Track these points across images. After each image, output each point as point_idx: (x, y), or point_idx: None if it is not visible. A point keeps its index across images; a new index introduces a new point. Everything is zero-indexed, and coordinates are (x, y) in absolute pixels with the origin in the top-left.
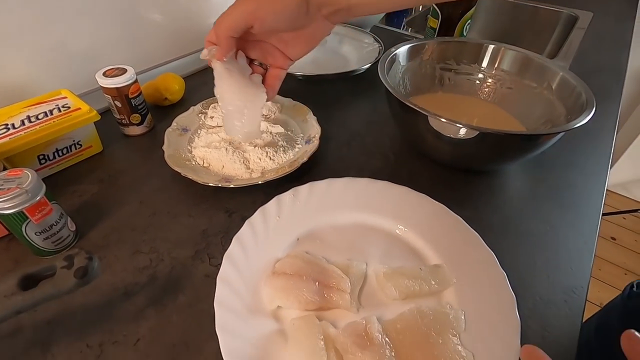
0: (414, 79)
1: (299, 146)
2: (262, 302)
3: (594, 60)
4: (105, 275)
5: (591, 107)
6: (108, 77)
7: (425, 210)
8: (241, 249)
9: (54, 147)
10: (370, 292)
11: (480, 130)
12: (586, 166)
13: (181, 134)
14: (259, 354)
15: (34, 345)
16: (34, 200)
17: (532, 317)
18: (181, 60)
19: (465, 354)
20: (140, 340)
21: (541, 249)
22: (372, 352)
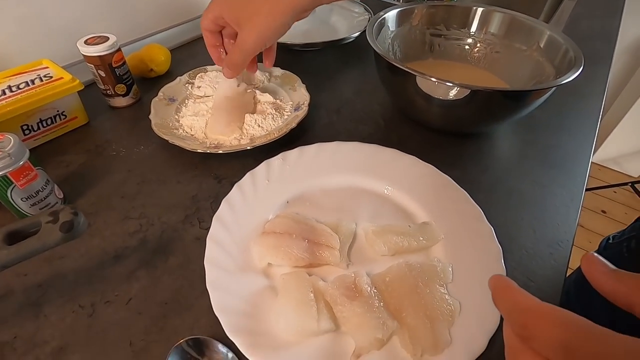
0: (404, 45)
1: (288, 114)
2: (252, 260)
3: (586, 27)
4: (95, 240)
5: (579, 65)
6: (90, 45)
7: (415, 171)
8: (231, 211)
9: (37, 118)
10: (360, 249)
11: (470, 88)
12: (575, 128)
13: (168, 104)
14: (249, 308)
15: (25, 306)
16: (17, 165)
17: (517, 268)
18: (167, 32)
19: (452, 302)
20: (132, 299)
21: (529, 206)
22: (361, 303)
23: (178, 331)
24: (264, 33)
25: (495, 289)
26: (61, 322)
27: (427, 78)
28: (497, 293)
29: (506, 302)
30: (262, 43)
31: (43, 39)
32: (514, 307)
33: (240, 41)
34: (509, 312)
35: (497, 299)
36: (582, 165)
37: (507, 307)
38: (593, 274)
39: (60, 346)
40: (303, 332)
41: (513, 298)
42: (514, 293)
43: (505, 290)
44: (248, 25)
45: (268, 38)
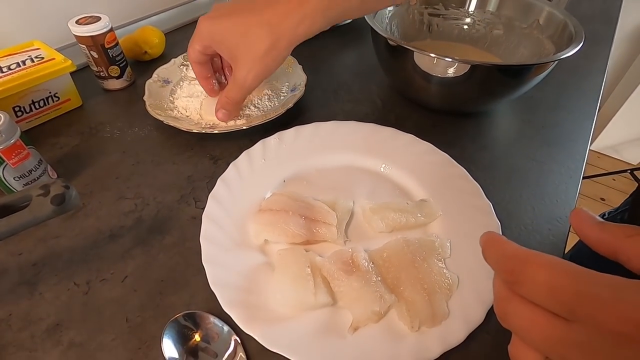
0: (402, 25)
1: (285, 94)
2: (249, 237)
3: (586, 7)
4: (90, 219)
5: (580, 39)
6: (82, 25)
7: (412, 149)
8: (227, 189)
9: (29, 99)
10: (357, 226)
11: (469, 63)
12: (575, 107)
13: (162, 86)
14: (245, 283)
15: (20, 285)
16: (8, 142)
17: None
18: (161, 14)
19: (450, 276)
20: (128, 277)
21: (528, 184)
22: (358, 277)
23: (174, 307)
24: (266, 67)
25: (485, 243)
26: (56, 299)
27: (425, 54)
28: (487, 247)
29: (494, 253)
30: (263, 78)
31: (34, 20)
32: (502, 256)
33: (240, 79)
34: (496, 262)
35: (487, 252)
36: (582, 143)
37: (495, 258)
38: (581, 226)
39: (56, 323)
40: (300, 306)
41: (501, 248)
42: (502, 244)
43: (494, 242)
44: (246, 58)
45: (269, 72)
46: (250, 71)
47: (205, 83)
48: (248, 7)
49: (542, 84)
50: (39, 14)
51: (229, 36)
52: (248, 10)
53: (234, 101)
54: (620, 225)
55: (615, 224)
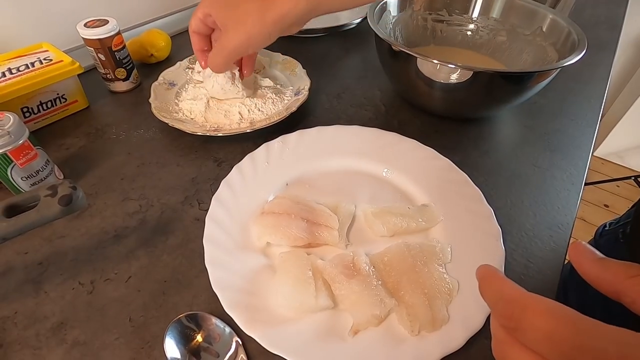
0: (406, 31)
1: (288, 98)
2: (251, 240)
3: (590, 14)
4: (95, 220)
5: (582, 47)
6: (90, 28)
7: (415, 154)
8: (230, 192)
9: (37, 100)
10: (359, 230)
11: (472, 70)
12: (577, 114)
13: (168, 88)
14: (247, 285)
15: (26, 283)
16: (17, 143)
17: (517, 250)
18: (168, 18)
19: (450, 281)
20: (132, 277)
21: (529, 190)
22: (359, 281)
23: (177, 308)
24: (249, 38)
25: (481, 278)
26: (61, 298)
27: (428, 60)
28: (484, 283)
29: (492, 293)
30: (245, 48)
31: (43, 22)
32: (500, 298)
33: (223, 41)
34: (494, 303)
35: (483, 290)
36: (584, 150)
37: (492, 298)
38: (580, 261)
39: (61, 321)
40: (301, 308)
41: (499, 288)
42: (500, 283)
43: (491, 279)
44: (234, 27)
45: (251, 44)
46: (233, 39)
47: (201, 55)
48: None
49: (545, 90)
50: (48, 16)
51: (225, 6)
52: None
53: (216, 63)
54: (622, 264)
55: (616, 261)
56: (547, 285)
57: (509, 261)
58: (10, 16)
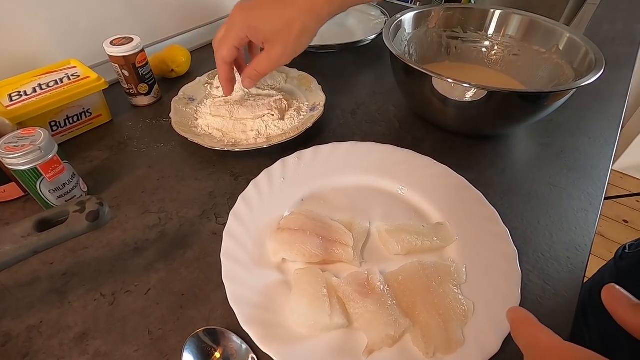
0: (420, 48)
1: (304, 114)
2: (267, 256)
3: (607, 30)
4: (117, 232)
5: (600, 67)
6: (115, 46)
7: (429, 171)
8: (246, 207)
9: (64, 115)
10: (373, 248)
11: (486, 89)
12: (595, 132)
13: (188, 103)
14: (263, 301)
15: (50, 293)
16: (47, 158)
17: (533, 271)
18: (188, 34)
19: (465, 302)
20: (151, 289)
21: (546, 209)
22: (373, 300)
23: (194, 321)
24: (301, 48)
25: (514, 321)
26: (84, 309)
27: (443, 79)
28: (517, 326)
29: (527, 338)
30: (295, 55)
31: (71, 40)
32: (535, 345)
33: (275, 57)
34: (530, 349)
35: (517, 333)
36: (602, 169)
37: (527, 343)
38: (616, 308)
39: (83, 332)
40: (316, 326)
41: (534, 334)
42: (535, 329)
43: (524, 324)
44: (284, 42)
45: (302, 51)
46: (286, 51)
47: (227, 85)
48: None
49: (562, 108)
50: (76, 33)
51: (266, 23)
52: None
53: (263, 73)
54: None
55: None
56: (564, 307)
57: (525, 283)
58: (41, 33)
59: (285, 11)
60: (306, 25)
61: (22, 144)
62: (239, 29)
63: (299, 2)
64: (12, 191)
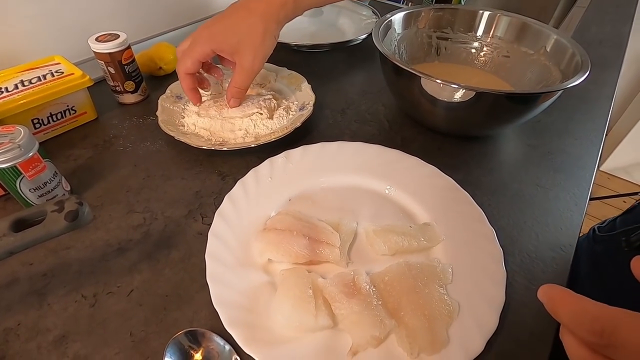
0: (410, 48)
1: (293, 113)
2: (253, 256)
3: (595, 33)
4: (100, 232)
5: (586, 69)
6: (101, 42)
7: (417, 172)
8: (233, 207)
9: (48, 112)
10: (360, 248)
11: (475, 90)
12: (581, 133)
13: (175, 101)
14: (248, 302)
15: (29, 295)
16: (27, 156)
17: (519, 271)
18: (176, 31)
19: (451, 302)
20: (134, 291)
21: (532, 210)
22: (359, 301)
23: (177, 323)
24: (268, 51)
25: (551, 299)
26: (64, 311)
27: (432, 80)
28: (556, 302)
29: (572, 311)
30: (265, 60)
31: (56, 36)
32: (583, 315)
33: (247, 66)
34: (576, 320)
35: (559, 309)
36: (588, 170)
37: (573, 315)
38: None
39: (62, 334)
40: (301, 327)
41: (580, 306)
42: (579, 300)
43: (564, 298)
44: (251, 49)
45: (269, 54)
46: (256, 56)
47: (193, 94)
48: (234, 7)
49: (550, 109)
50: (60, 29)
51: (229, 34)
52: (236, 9)
53: (244, 87)
54: None
55: None
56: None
57: (510, 283)
58: (25, 30)
59: (245, 20)
60: (268, 28)
61: (1, 141)
62: (204, 43)
63: (256, 11)
64: None
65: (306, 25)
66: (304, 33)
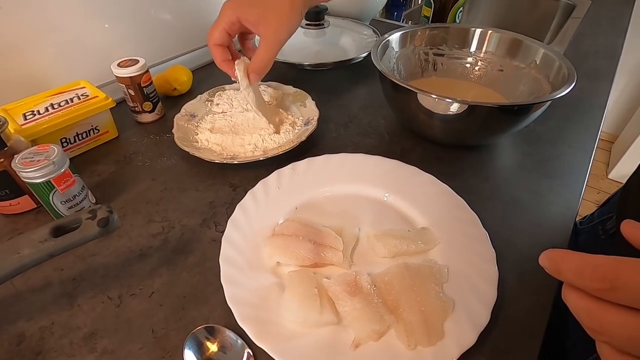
0: (408, 65)
1: (299, 128)
2: (263, 260)
3: (589, 45)
4: (123, 240)
5: (572, 80)
6: (122, 67)
7: (415, 180)
8: (244, 215)
9: (74, 132)
10: (362, 251)
11: (467, 104)
12: (574, 141)
13: (189, 120)
14: (259, 301)
15: (61, 296)
16: (59, 171)
17: (512, 271)
18: (189, 54)
19: (446, 300)
20: (155, 292)
21: (526, 214)
22: (360, 298)
23: (194, 321)
24: (294, 25)
25: (552, 260)
26: (92, 311)
27: (427, 95)
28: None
29: (574, 265)
30: (289, 34)
31: (80, 61)
32: (585, 266)
33: (271, 36)
34: (579, 272)
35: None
36: (580, 176)
37: (575, 268)
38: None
39: (92, 332)
40: (307, 323)
41: (581, 258)
42: (580, 255)
43: (566, 256)
44: (276, 21)
45: (295, 29)
46: (282, 28)
47: (227, 65)
48: None
49: (544, 119)
50: (84, 55)
51: (254, 8)
52: None
53: (266, 60)
54: None
55: None
56: (541, 304)
57: (505, 282)
58: (52, 56)
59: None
60: (295, 2)
61: (38, 159)
62: (230, 12)
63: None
64: (26, 203)
65: (310, 45)
66: (308, 52)
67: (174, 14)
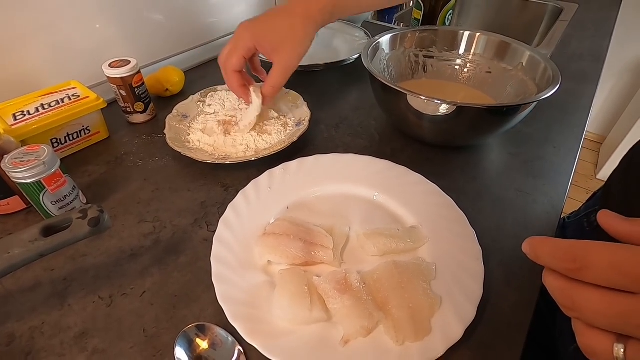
0: (398, 66)
1: (290, 129)
2: (254, 259)
3: (575, 48)
4: (114, 240)
5: (557, 82)
6: (113, 68)
7: (404, 180)
8: (235, 215)
9: (65, 132)
10: (352, 250)
11: (455, 105)
12: (560, 142)
13: (181, 120)
14: (250, 299)
15: (52, 297)
16: (50, 172)
17: (498, 268)
18: (181, 55)
19: (434, 296)
20: (146, 292)
21: (512, 213)
22: (350, 296)
23: (186, 319)
24: (305, 51)
25: (532, 246)
26: (83, 311)
27: (416, 96)
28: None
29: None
30: (301, 59)
31: (71, 62)
32: (558, 249)
33: (283, 63)
34: (553, 255)
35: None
36: (565, 175)
37: (550, 252)
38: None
39: (82, 331)
40: (297, 320)
41: (555, 243)
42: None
43: (543, 241)
44: (290, 47)
45: (305, 53)
46: (295, 55)
47: (243, 91)
48: (275, 10)
49: (531, 120)
50: (76, 56)
51: (270, 33)
52: (276, 12)
53: (279, 85)
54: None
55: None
56: (525, 300)
57: (492, 279)
58: (43, 57)
59: (287, 20)
60: (307, 30)
61: (28, 159)
62: (247, 39)
63: (297, 14)
64: (15, 204)
65: None
66: None
67: (166, 15)
